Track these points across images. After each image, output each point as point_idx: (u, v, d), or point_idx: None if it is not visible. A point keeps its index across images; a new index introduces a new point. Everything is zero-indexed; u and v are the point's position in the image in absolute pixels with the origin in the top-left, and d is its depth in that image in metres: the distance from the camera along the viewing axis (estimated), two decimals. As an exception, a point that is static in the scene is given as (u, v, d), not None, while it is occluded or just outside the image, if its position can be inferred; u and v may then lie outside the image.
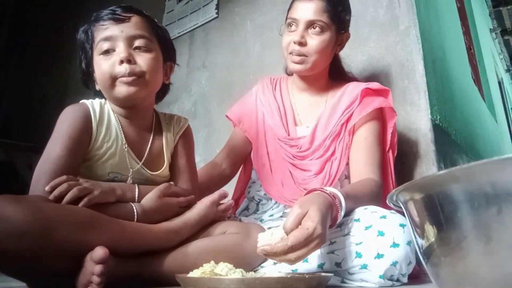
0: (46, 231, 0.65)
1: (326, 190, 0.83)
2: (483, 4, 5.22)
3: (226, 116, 1.31)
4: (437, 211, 0.45)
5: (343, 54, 1.46)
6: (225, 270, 0.70)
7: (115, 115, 0.90)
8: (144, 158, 0.91)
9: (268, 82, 1.26)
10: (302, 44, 1.07)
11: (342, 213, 0.83)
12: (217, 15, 2.01)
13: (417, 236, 0.50)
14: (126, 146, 0.89)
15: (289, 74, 1.27)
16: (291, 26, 1.11)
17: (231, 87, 1.78)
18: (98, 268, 0.66)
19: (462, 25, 2.69)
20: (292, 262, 0.70)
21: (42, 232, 0.64)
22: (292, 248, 0.68)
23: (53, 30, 3.33)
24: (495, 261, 0.39)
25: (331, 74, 1.20)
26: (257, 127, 1.21)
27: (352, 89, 1.12)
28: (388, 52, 1.35)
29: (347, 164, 1.08)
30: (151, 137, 0.95)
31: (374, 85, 1.11)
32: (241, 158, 1.25)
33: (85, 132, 0.85)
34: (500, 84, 5.66)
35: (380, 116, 1.10)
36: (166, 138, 0.97)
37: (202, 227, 0.89)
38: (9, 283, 0.99)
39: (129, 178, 0.89)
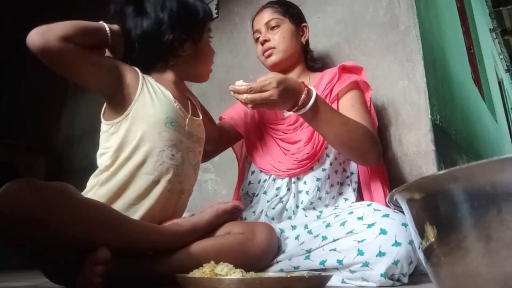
0: (62, 225, 0.66)
1: (306, 85, 0.95)
2: (483, 4, 5.22)
3: (220, 117, 1.34)
4: (437, 211, 0.45)
5: (343, 53, 1.47)
6: (225, 270, 0.70)
7: (154, 79, 0.97)
8: (190, 110, 1.00)
9: None
10: (266, 41, 1.23)
11: (310, 103, 0.92)
12: (217, 15, 2.01)
13: (417, 236, 0.50)
14: (175, 99, 0.95)
15: None
16: (256, 38, 1.27)
17: (231, 87, 1.78)
18: (99, 268, 0.66)
19: (462, 25, 2.69)
20: (247, 102, 0.89)
21: (58, 224, 0.65)
22: (250, 90, 0.88)
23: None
24: (495, 261, 0.39)
25: (308, 66, 1.30)
26: (247, 121, 1.28)
27: (331, 70, 1.21)
28: (388, 52, 1.35)
29: None
30: (189, 99, 1.05)
31: (349, 63, 1.21)
32: (223, 143, 1.31)
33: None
34: (500, 84, 5.67)
35: (360, 88, 1.17)
36: (195, 102, 1.09)
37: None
38: (9, 283, 0.99)
39: (186, 128, 0.96)
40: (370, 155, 1.02)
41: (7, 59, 3.70)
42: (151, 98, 0.91)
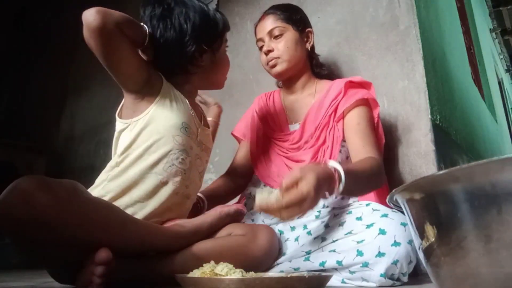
0: (71, 223, 0.66)
1: (327, 162, 0.86)
2: (483, 4, 5.22)
3: (232, 134, 1.36)
4: (437, 211, 0.45)
5: (343, 54, 1.46)
6: (225, 270, 0.70)
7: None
8: (202, 120, 1.05)
9: (263, 96, 1.36)
10: (270, 51, 1.20)
11: (341, 187, 0.83)
12: (217, 15, 2.01)
13: (417, 236, 0.50)
14: (192, 109, 0.99)
15: (280, 86, 1.35)
16: (260, 47, 1.23)
17: (231, 87, 1.78)
18: (99, 269, 0.66)
19: (462, 25, 2.69)
20: (284, 219, 0.76)
21: (67, 224, 0.66)
22: (286, 208, 0.73)
23: (54, 30, 3.33)
24: (495, 261, 0.39)
25: (315, 72, 1.27)
26: (256, 135, 1.28)
27: (337, 84, 1.18)
28: (388, 52, 1.35)
29: (340, 151, 1.11)
30: (200, 109, 1.09)
31: (357, 78, 1.17)
32: (252, 168, 1.29)
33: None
34: (500, 84, 5.67)
35: (367, 104, 1.14)
36: (204, 115, 1.11)
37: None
38: (9, 283, 0.99)
39: (197, 136, 0.99)
40: (377, 188, 1.00)
41: (7, 59, 3.70)
42: (171, 102, 0.94)
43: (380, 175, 0.99)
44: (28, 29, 3.65)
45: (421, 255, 0.50)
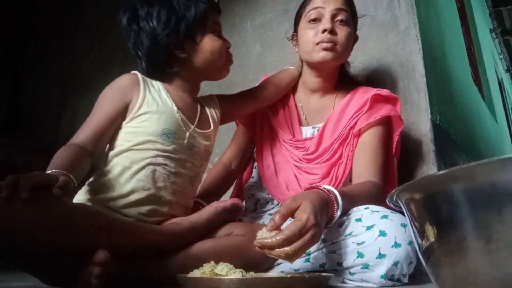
0: (59, 232, 0.66)
1: (321, 187, 0.83)
2: (483, 4, 5.23)
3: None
4: (437, 211, 0.45)
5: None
6: (225, 270, 0.70)
7: (164, 86, 0.96)
8: (196, 122, 0.98)
9: None
10: (333, 32, 1.04)
11: (339, 211, 0.83)
12: (217, 15, 2.01)
13: (417, 236, 0.50)
14: (178, 111, 0.93)
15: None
16: (313, 19, 1.07)
17: (231, 87, 1.78)
18: (97, 270, 0.66)
19: (462, 25, 2.69)
20: (290, 256, 0.69)
21: (55, 232, 0.65)
22: (288, 240, 0.68)
23: (53, 29, 3.33)
24: (495, 261, 0.39)
25: (340, 76, 1.20)
26: (261, 126, 1.21)
27: (362, 94, 1.10)
28: (388, 52, 1.35)
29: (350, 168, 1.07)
30: (199, 108, 1.01)
31: (384, 92, 1.09)
32: (248, 156, 1.24)
33: (127, 93, 0.91)
34: (500, 84, 5.67)
35: (388, 122, 1.09)
36: (210, 112, 1.03)
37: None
38: (9, 283, 0.99)
39: (185, 140, 0.93)
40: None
41: (7, 59, 3.70)
42: (151, 111, 0.91)
43: (377, 200, 0.93)
44: (28, 28, 3.64)
45: (421, 256, 0.50)
